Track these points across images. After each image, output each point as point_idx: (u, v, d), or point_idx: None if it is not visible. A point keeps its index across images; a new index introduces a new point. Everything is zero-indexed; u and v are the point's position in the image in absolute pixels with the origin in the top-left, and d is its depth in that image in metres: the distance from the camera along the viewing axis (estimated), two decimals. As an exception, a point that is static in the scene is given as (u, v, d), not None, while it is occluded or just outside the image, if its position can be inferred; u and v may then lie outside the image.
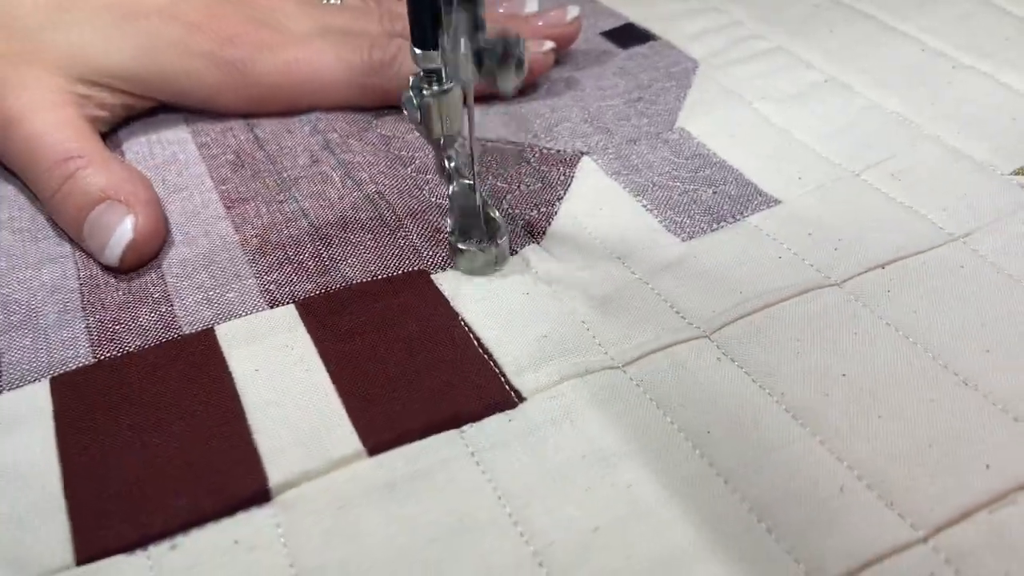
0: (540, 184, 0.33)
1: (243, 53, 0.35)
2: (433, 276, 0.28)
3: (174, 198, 0.32)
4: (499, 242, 0.28)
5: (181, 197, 0.32)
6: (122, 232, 0.28)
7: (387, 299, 0.27)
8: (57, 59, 0.33)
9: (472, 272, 0.28)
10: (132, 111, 0.36)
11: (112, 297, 0.28)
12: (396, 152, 0.34)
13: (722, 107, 0.36)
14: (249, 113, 0.37)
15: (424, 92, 0.27)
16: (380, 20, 0.39)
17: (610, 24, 0.44)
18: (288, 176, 0.33)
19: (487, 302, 0.27)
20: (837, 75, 0.37)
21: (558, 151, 0.34)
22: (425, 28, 0.26)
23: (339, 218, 0.30)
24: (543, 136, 0.35)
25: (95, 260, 0.29)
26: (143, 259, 0.29)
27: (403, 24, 0.28)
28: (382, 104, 0.37)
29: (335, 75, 0.36)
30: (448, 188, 0.29)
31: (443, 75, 0.27)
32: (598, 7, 0.45)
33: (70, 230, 0.30)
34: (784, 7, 0.43)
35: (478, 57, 0.24)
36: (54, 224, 0.31)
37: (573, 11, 0.40)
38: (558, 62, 0.40)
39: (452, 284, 0.28)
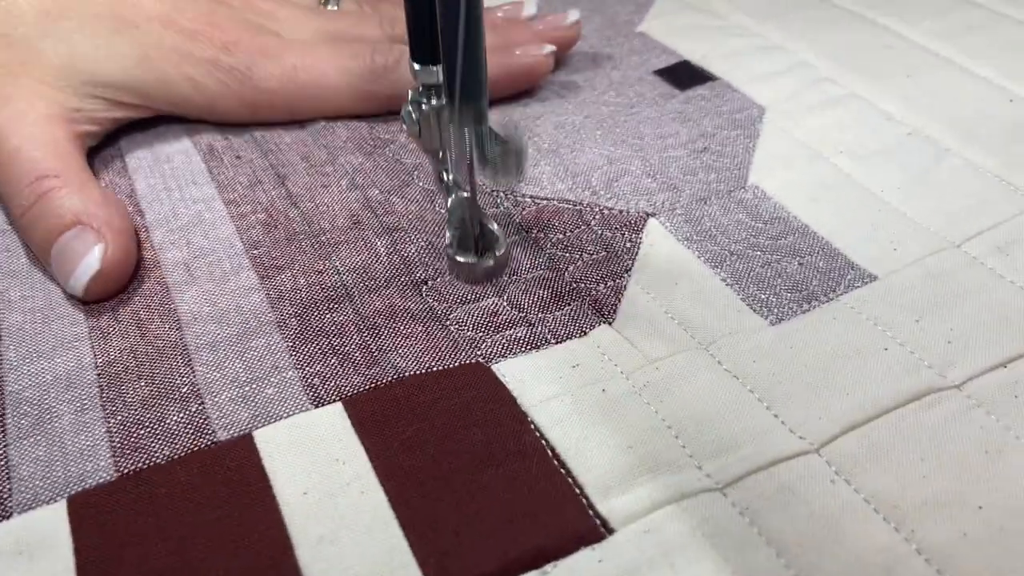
0: (604, 252, 0.30)
1: (243, 59, 0.34)
2: (494, 367, 0.25)
3: (200, 263, 0.29)
4: (497, 254, 0.28)
5: (208, 262, 0.29)
6: (89, 261, 0.27)
7: (446, 398, 0.24)
8: (50, 69, 0.32)
9: (470, 283, 0.28)
10: (123, 123, 0.35)
11: (134, 391, 0.25)
12: (442, 213, 0.31)
13: (798, 162, 0.33)
14: (249, 121, 0.36)
15: (423, 106, 0.27)
16: (380, 25, 0.38)
17: (664, 62, 0.41)
18: (327, 240, 0.30)
19: (559, 401, 0.24)
20: (921, 127, 0.34)
21: (621, 211, 0.31)
22: (424, 43, 0.26)
23: (387, 306, 0.27)
24: (603, 192, 0.32)
25: (65, 292, 0.28)
26: (108, 292, 0.28)
27: (403, 28, 0.27)
28: (384, 110, 0.36)
29: (337, 81, 0.35)
30: (446, 200, 0.28)
31: (441, 90, 0.26)
32: (649, 42, 0.42)
33: (38, 253, 0.29)
34: (854, 47, 0.40)
35: (481, 149, 0.24)
36: (69, 299, 0.28)
37: (573, 15, 0.40)
38: (557, 66, 0.39)
39: (516, 377, 0.25)
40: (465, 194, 0.27)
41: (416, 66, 0.26)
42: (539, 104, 0.38)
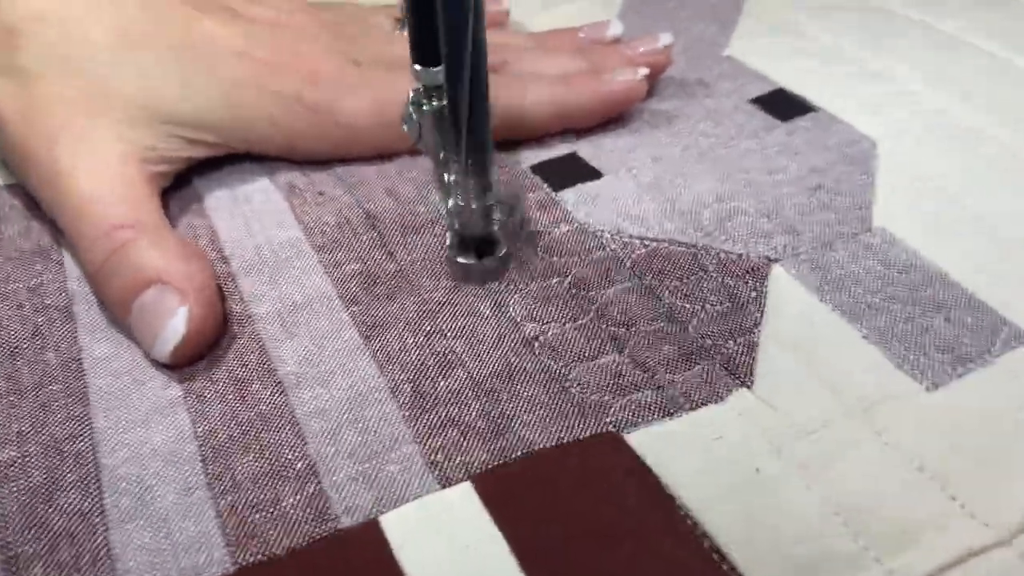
0: (729, 303, 0.27)
1: (328, 95, 0.32)
2: (627, 437, 0.23)
3: (296, 318, 0.27)
4: (499, 255, 0.28)
5: (305, 317, 0.27)
6: (175, 326, 0.25)
7: (582, 475, 0.22)
8: (125, 106, 0.30)
9: (471, 284, 0.28)
10: (196, 162, 0.32)
11: (243, 465, 0.23)
12: (545, 258, 0.29)
13: (924, 202, 0.31)
14: (331, 158, 0.34)
15: (424, 108, 0.27)
16: None
17: (759, 89, 0.38)
18: (429, 299, 0.28)
19: (708, 481, 0.22)
20: (1055, 163, 0.32)
21: (739, 256, 0.29)
22: (426, 44, 0.25)
23: (502, 368, 0.25)
24: (716, 234, 0.30)
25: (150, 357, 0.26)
26: (196, 355, 0.26)
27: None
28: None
29: None
30: (447, 202, 0.28)
31: (443, 90, 0.26)
32: (739, 67, 0.40)
33: (115, 312, 0.27)
34: (963, 75, 0.38)
35: (486, 213, 0.26)
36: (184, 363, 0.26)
37: (665, 38, 0.37)
38: (647, 93, 0.37)
39: (654, 450, 0.23)
40: (466, 197, 0.27)
41: (417, 67, 0.26)
42: (631, 135, 0.36)
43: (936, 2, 0.43)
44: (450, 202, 0.27)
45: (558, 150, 0.35)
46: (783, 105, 0.37)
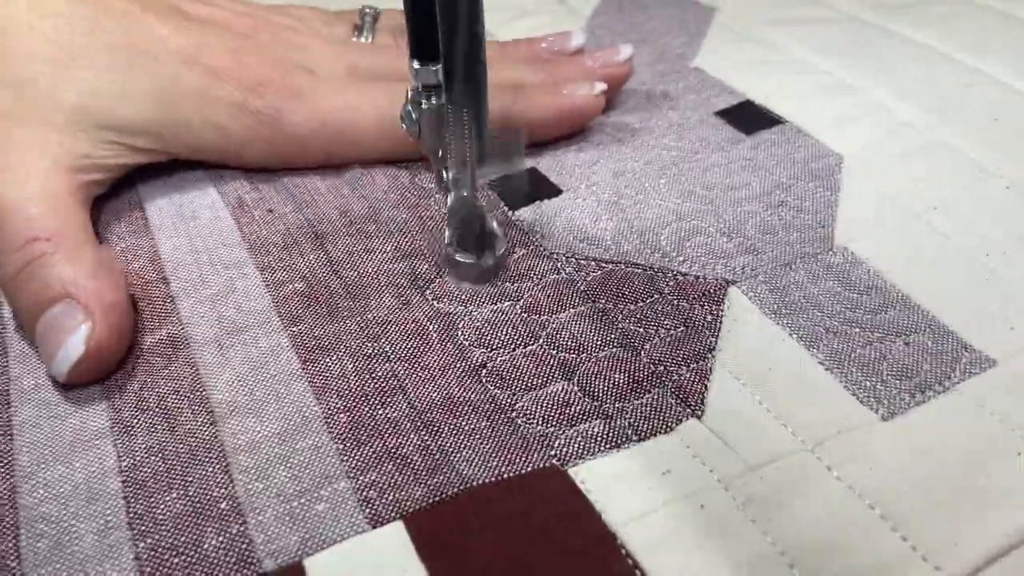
0: (683, 327, 0.26)
1: (273, 102, 0.31)
2: (571, 472, 0.22)
3: (234, 341, 0.26)
4: (497, 253, 0.28)
5: (243, 340, 0.26)
6: (74, 344, 0.24)
7: (520, 515, 0.21)
8: (60, 112, 0.29)
9: (468, 283, 0.28)
10: (133, 168, 0.31)
11: (166, 505, 0.22)
12: (497, 283, 0.28)
13: (888, 220, 0.30)
14: (278, 167, 0.33)
15: (422, 105, 0.27)
16: None
17: (725, 102, 0.38)
18: (373, 319, 0.27)
19: (652, 520, 0.21)
20: (1021, 179, 0.31)
21: (697, 278, 0.28)
22: (424, 41, 0.25)
23: (444, 398, 0.24)
24: (674, 255, 0.29)
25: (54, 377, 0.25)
26: (93, 377, 0.25)
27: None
28: (417, 156, 0.33)
29: (372, 126, 0.32)
30: (446, 200, 0.28)
31: (441, 89, 0.26)
32: (707, 79, 0.39)
33: (24, 325, 0.26)
34: (932, 87, 0.37)
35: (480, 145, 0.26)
36: (87, 386, 0.25)
37: (626, 50, 0.37)
38: (609, 105, 0.36)
39: (599, 485, 0.22)
40: (465, 193, 0.27)
41: (416, 65, 0.26)
42: (594, 148, 0.35)
43: (907, 13, 0.43)
44: (450, 199, 0.27)
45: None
46: (749, 118, 0.36)
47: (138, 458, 0.23)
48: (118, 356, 0.25)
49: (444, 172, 0.28)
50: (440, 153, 0.28)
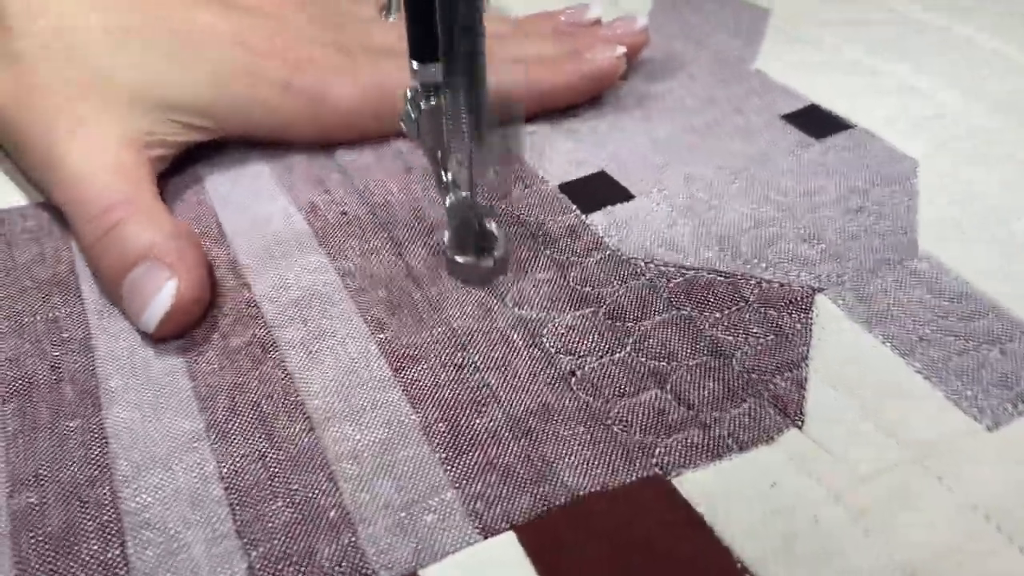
0: (773, 336, 0.26)
1: (317, 80, 0.33)
2: (675, 482, 0.22)
3: (321, 345, 0.26)
4: (496, 254, 0.28)
5: (331, 345, 0.26)
6: (162, 299, 0.25)
7: (630, 524, 0.21)
8: (121, 90, 0.30)
9: (469, 285, 0.28)
10: (188, 147, 0.33)
11: (273, 512, 0.21)
12: (575, 287, 0.28)
13: (971, 227, 0.30)
14: (323, 142, 0.35)
15: (422, 105, 0.27)
16: None
17: (790, 105, 0.37)
18: (458, 328, 0.27)
19: (765, 531, 0.21)
20: (1108, 186, 0.31)
21: (781, 285, 0.28)
22: (423, 41, 0.25)
23: (539, 405, 0.24)
24: (755, 261, 0.29)
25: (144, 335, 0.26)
26: (181, 329, 0.26)
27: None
28: None
29: None
30: (445, 200, 0.28)
31: (440, 88, 0.26)
32: (768, 82, 0.39)
33: (108, 289, 0.28)
34: (1004, 90, 0.36)
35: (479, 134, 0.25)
36: (175, 383, 0.25)
37: (642, 20, 0.39)
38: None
39: (705, 495, 0.22)
40: (465, 194, 0.27)
41: (415, 64, 0.26)
42: (661, 152, 0.35)
43: (971, 14, 0.42)
44: (448, 199, 0.28)
45: (586, 168, 0.34)
46: (817, 122, 0.36)
47: (238, 464, 0.23)
48: (203, 309, 0.27)
49: (444, 173, 0.28)
50: (440, 154, 0.28)
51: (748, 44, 0.42)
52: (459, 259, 0.28)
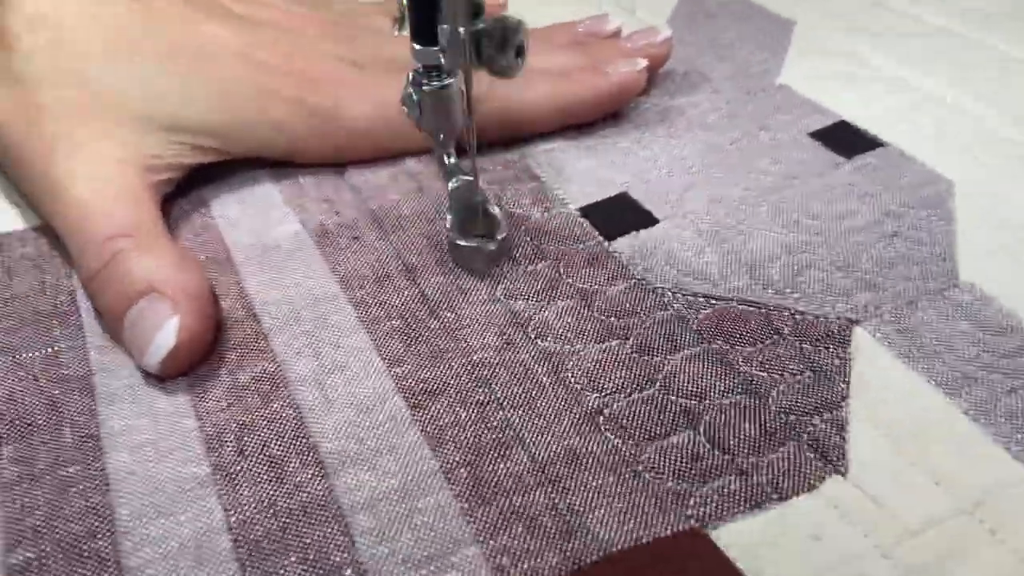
0: (811, 372, 0.25)
1: (329, 98, 0.32)
2: (714, 535, 0.21)
3: (335, 381, 0.25)
4: (499, 238, 0.28)
5: (345, 379, 0.25)
6: (164, 337, 0.24)
7: (670, 585, 0.19)
8: (123, 112, 0.29)
9: (472, 270, 0.28)
10: (197, 167, 0.31)
11: (285, 570, 0.20)
12: (600, 318, 0.27)
13: (1015, 252, 0.28)
14: (335, 161, 0.33)
15: (424, 87, 0.27)
16: None
17: (818, 122, 0.36)
18: (478, 361, 0.25)
19: (810, 591, 0.19)
20: None
21: (816, 317, 0.27)
22: (425, 23, 0.25)
23: (565, 449, 0.23)
24: (787, 291, 0.28)
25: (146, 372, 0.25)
26: (186, 367, 0.25)
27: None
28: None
29: None
30: (447, 184, 0.28)
31: (442, 70, 0.26)
32: (794, 97, 0.38)
33: (109, 322, 0.26)
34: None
35: (477, 43, 0.24)
36: (178, 423, 0.23)
37: (665, 31, 0.37)
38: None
39: (745, 549, 0.20)
40: (468, 178, 0.27)
41: (416, 46, 0.26)
42: (685, 172, 0.34)
43: (1003, 25, 0.41)
44: (450, 183, 0.28)
45: (607, 188, 0.33)
46: (847, 140, 0.35)
47: (247, 513, 0.21)
48: (208, 345, 0.26)
49: (446, 157, 0.28)
50: (442, 136, 0.28)
51: (773, 56, 0.41)
52: (461, 243, 0.28)
